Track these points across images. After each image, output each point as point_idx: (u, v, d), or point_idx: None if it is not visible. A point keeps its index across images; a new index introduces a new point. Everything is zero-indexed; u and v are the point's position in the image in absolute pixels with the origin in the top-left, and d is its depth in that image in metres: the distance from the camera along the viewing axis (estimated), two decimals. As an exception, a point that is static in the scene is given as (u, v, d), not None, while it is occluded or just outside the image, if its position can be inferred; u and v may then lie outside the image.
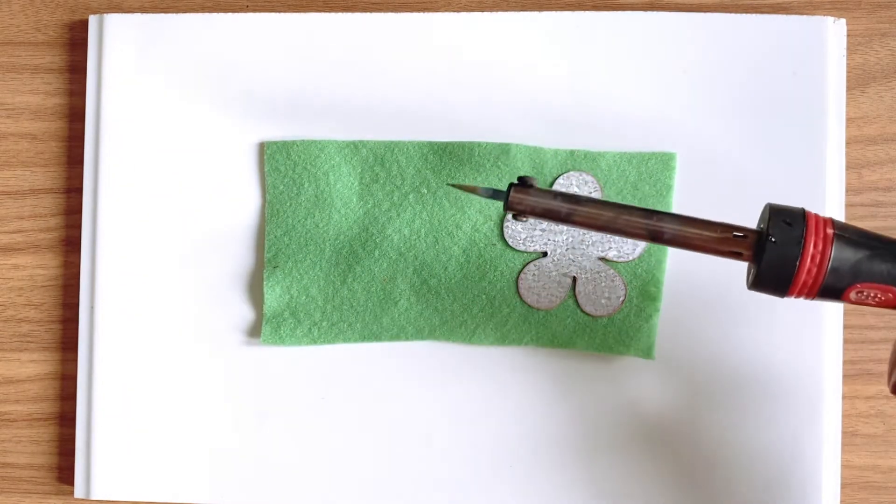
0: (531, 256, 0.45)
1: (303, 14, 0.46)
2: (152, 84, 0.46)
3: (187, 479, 0.45)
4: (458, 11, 0.46)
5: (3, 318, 0.47)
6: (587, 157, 0.45)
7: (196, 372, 0.45)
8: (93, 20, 0.46)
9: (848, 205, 0.45)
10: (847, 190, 0.45)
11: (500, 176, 0.44)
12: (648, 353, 0.44)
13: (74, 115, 0.47)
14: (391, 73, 0.45)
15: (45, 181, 0.47)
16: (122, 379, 0.45)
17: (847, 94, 0.45)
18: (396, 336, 0.45)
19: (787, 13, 0.45)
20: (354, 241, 0.45)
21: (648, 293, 0.44)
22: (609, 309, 0.44)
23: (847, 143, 0.45)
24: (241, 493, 0.45)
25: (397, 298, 0.45)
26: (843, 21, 0.45)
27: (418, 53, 0.45)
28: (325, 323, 0.45)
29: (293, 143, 0.45)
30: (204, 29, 0.46)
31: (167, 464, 0.45)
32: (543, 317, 0.45)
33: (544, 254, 0.45)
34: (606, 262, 0.44)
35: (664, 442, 0.44)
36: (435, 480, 0.45)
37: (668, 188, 0.44)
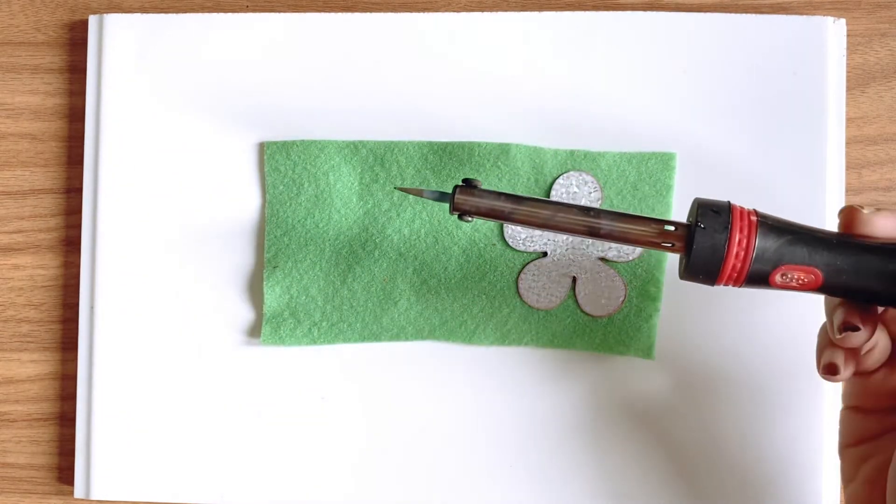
0: (531, 256, 0.45)
1: (303, 14, 0.46)
2: (152, 84, 0.46)
3: (187, 479, 0.45)
4: (458, 11, 0.46)
5: (3, 318, 0.47)
6: (587, 157, 0.45)
7: (196, 372, 0.45)
8: (93, 20, 0.46)
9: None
10: (847, 190, 0.45)
11: (500, 176, 0.44)
12: (648, 353, 0.44)
13: (74, 115, 0.47)
14: (391, 72, 0.45)
15: (45, 181, 0.47)
16: (122, 379, 0.45)
17: (847, 94, 0.45)
18: (396, 336, 0.45)
19: (787, 13, 0.45)
20: (354, 241, 0.45)
21: (648, 293, 0.44)
22: (609, 309, 0.44)
23: (847, 143, 0.45)
24: (241, 493, 0.45)
25: (397, 298, 0.45)
26: (843, 21, 0.45)
27: (418, 53, 0.45)
28: (324, 323, 0.45)
29: (293, 143, 0.45)
30: (204, 29, 0.46)
31: (167, 464, 0.45)
32: (543, 317, 0.45)
33: (544, 254, 0.45)
34: (606, 262, 0.44)
35: (664, 442, 0.44)
36: (435, 480, 0.45)
37: (668, 188, 0.44)
